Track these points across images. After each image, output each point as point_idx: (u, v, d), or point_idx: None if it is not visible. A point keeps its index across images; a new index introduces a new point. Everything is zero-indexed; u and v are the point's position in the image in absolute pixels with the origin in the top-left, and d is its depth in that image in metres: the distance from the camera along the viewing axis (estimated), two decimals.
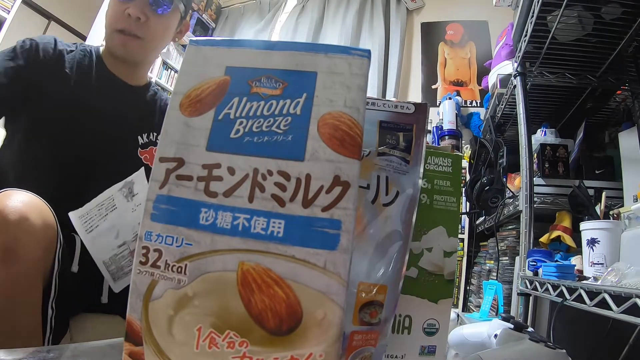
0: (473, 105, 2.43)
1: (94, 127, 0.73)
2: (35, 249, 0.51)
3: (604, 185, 1.01)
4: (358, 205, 0.26)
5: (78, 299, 0.66)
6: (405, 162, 0.33)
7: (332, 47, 0.26)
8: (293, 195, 0.23)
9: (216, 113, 0.26)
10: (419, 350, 0.36)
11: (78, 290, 0.65)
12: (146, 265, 0.24)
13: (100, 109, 0.74)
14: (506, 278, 1.26)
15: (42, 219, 0.52)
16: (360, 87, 0.25)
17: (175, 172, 0.25)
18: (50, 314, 0.55)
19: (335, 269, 0.22)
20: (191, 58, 0.27)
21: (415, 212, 0.33)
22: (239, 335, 0.22)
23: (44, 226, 0.52)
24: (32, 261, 0.50)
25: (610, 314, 0.52)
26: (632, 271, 0.59)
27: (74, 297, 0.64)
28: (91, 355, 0.42)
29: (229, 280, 0.22)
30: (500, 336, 0.53)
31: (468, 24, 2.56)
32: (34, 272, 0.51)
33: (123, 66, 0.79)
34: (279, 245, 0.22)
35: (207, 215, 0.23)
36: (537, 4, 0.90)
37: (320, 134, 0.24)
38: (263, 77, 0.26)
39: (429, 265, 0.37)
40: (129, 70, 0.80)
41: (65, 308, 0.62)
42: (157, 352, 0.22)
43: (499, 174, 1.24)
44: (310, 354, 0.21)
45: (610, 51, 0.99)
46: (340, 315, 0.22)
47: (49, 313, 0.55)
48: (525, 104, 1.06)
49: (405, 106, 0.34)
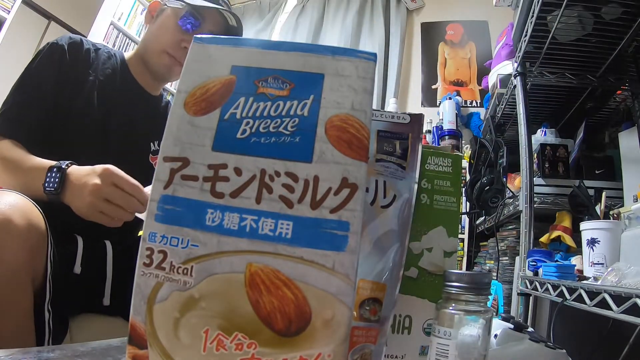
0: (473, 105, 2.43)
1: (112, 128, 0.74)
2: (20, 251, 0.50)
3: (604, 185, 1.02)
4: None
5: (79, 301, 0.66)
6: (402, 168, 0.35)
7: (339, 50, 0.26)
8: (301, 197, 0.23)
9: (222, 113, 0.26)
10: (419, 350, 0.37)
11: (80, 292, 0.64)
12: (150, 267, 0.23)
13: (120, 113, 0.75)
14: (506, 278, 1.27)
15: (26, 220, 0.51)
16: (366, 90, 0.25)
17: (180, 172, 0.25)
18: (47, 316, 0.55)
19: (343, 270, 0.22)
20: (196, 56, 0.27)
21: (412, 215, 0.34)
22: (248, 337, 0.22)
23: (28, 228, 0.51)
24: (17, 264, 0.50)
25: (610, 314, 0.52)
26: (632, 271, 0.59)
27: (75, 298, 0.64)
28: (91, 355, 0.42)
29: (237, 282, 0.22)
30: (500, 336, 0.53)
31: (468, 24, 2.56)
32: (20, 275, 0.51)
33: (149, 78, 0.82)
34: (288, 247, 0.22)
35: (214, 216, 0.23)
36: (537, 4, 0.90)
37: (328, 136, 0.24)
38: (270, 78, 0.26)
39: (429, 265, 0.38)
40: (153, 82, 0.83)
41: (65, 310, 0.61)
42: (162, 355, 0.22)
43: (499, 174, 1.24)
44: (319, 354, 0.21)
45: (610, 51, 0.99)
46: (348, 315, 0.22)
47: (46, 315, 0.55)
48: (525, 104, 1.06)
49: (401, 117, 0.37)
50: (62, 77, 0.71)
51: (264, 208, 0.23)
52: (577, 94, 1.17)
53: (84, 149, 0.69)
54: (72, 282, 0.62)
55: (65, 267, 0.61)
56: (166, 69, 0.78)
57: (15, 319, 0.51)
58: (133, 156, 0.76)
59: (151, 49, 0.78)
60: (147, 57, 0.79)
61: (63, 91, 0.70)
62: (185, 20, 0.75)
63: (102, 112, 0.73)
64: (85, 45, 0.75)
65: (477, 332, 0.29)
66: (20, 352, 0.39)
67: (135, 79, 0.80)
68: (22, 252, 0.51)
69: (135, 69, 0.80)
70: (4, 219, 0.49)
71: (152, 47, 0.78)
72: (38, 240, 0.53)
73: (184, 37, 0.75)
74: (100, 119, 0.73)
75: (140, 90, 0.81)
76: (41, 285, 0.54)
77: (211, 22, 0.78)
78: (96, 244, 0.69)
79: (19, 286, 0.51)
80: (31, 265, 0.52)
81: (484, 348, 0.29)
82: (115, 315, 0.69)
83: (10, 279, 0.50)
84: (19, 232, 0.50)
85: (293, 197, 0.23)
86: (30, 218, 0.52)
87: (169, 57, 0.77)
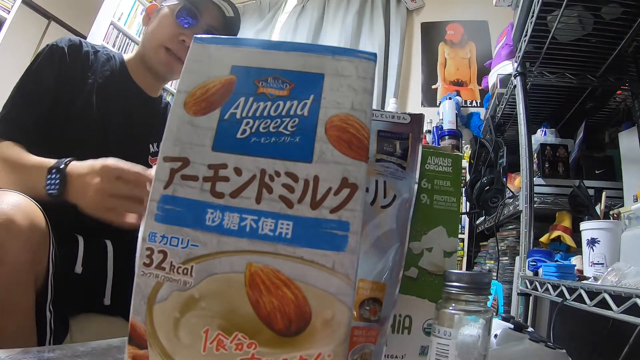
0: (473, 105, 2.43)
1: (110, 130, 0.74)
2: (22, 251, 0.50)
3: (604, 185, 1.02)
4: None
5: (80, 301, 0.66)
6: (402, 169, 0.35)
7: (339, 50, 0.26)
8: (301, 197, 0.23)
9: (222, 113, 0.26)
10: (419, 350, 0.37)
11: (80, 292, 0.64)
12: (150, 267, 0.23)
13: (119, 114, 0.75)
14: (506, 278, 1.27)
15: (28, 220, 0.51)
16: (366, 90, 0.25)
17: (180, 172, 0.25)
18: (48, 316, 0.55)
19: (343, 270, 0.22)
20: (196, 56, 0.27)
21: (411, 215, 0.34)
22: (248, 337, 0.22)
23: (30, 228, 0.51)
24: (19, 264, 0.50)
25: (610, 314, 0.52)
26: (632, 271, 0.59)
27: (76, 298, 0.63)
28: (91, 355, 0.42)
29: (237, 282, 0.22)
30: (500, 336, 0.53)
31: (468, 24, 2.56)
32: (22, 275, 0.51)
33: (149, 78, 0.81)
34: (288, 247, 0.22)
35: (214, 216, 0.23)
36: (537, 4, 0.90)
37: (328, 136, 0.24)
38: (269, 78, 0.26)
39: (429, 265, 0.38)
40: (153, 82, 0.83)
41: (66, 309, 0.61)
42: (162, 355, 0.22)
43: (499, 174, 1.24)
44: (319, 354, 0.21)
45: (610, 51, 0.99)
46: (348, 315, 0.22)
47: (47, 316, 0.55)
48: (525, 104, 1.06)
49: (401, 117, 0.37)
50: (62, 79, 0.71)
51: (264, 208, 0.23)
52: (577, 94, 1.17)
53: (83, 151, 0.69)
54: (73, 282, 0.62)
55: (67, 267, 0.61)
56: (165, 65, 0.78)
57: (16, 319, 0.51)
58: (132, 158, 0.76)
59: (149, 46, 0.78)
60: (146, 56, 0.79)
61: (62, 93, 0.70)
62: (181, 14, 0.75)
63: (101, 114, 0.73)
64: (84, 48, 0.75)
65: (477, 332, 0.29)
66: (21, 352, 0.39)
67: (134, 81, 0.80)
68: (24, 252, 0.50)
69: (135, 70, 0.81)
70: (7, 219, 0.49)
71: (150, 44, 0.78)
72: (40, 240, 0.53)
73: (182, 31, 0.75)
74: (99, 121, 0.73)
75: (139, 91, 0.81)
76: (43, 285, 0.54)
77: (208, 14, 0.77)
78: (97, 244, 0.69)
79: (20, 286, 0.51)
80: (33, 265, 0.52)
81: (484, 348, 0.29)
82: (115, 315, 0.69)
83: (13, 279, 0.50)
84: (21, 232, 0.50)
85: (293, 197, 0.23)
86: (33, 218, 0.52)
87: (167, 52, 0.76)
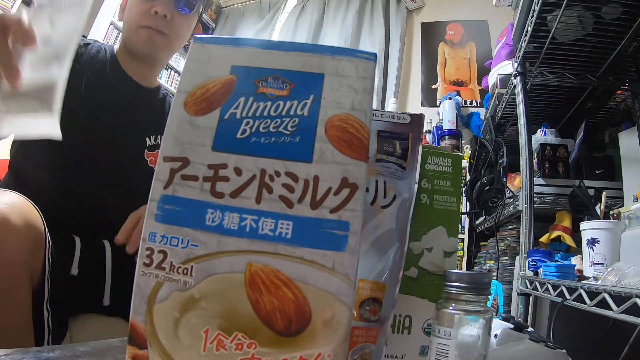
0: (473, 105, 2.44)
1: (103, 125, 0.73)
2: (17, 250, 0.50)
3: (604, 185, 1.02)
4: None
5: (79, 301, 0.66)
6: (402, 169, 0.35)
7: (339, 49, 0.26)
8: (301, 197, 0.23)
9: (222, 112, 0.26)
10: (419, 350, 0.37)
11: (79, 293, 0.64)
12: (150, 267, 0.23)
13: (111, 108, 0.74)
14: (506, 278, 1.27)
15: (24, 219, 0.51)
16: (366, 90, 0.25)
17: (180, 172, 0.25)
18: (46, 315, 0.55)
19: (343, 269, 0.22)
20: (196, 56, 0.27)
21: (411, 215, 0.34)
22: (248, 337, 0.22)
23: (26, 227, 0.51)
24: (15, 263, 0.50)
25: (610, 314, 0.52)
26: (632, 271, 0.59)
27: (74, 299, 0.63)
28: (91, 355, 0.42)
29: (237, 282, 0.22)
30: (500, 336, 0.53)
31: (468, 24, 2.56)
32: (18, 274, 0.51)
33: (139, 66, 0.79)
34: (288, 247, 0.22)
35: (214, 216, 0.23)
36: (537, 4, 0.90)
37: (328, 136, 0.24)
38: (269, 78, 0.26)
39: (429, 265, 0.38)
40: (144, 70, 0.80)
41: (64, 309, 0.61)
42: (162, 355, 0.22)
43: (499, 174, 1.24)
44: (319, 354, 0.21)
45: (610, 51, 0.99)
46: (348, 315, 0.22)
47: (45, 315, 0.54)
48: (525, 104, 1.06)
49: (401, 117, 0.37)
50: None
51: (264, 208, 0.23)
52: (577, 94, 1.18)
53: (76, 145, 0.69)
54: (71, 282, 0.62)
55: (63, 267, 0.61)
56: (147, 43, 0.75)
57: (14, 319, 0.51)
58: (127, 152, 0.75)
59: (127, 31, 0.76)
60: (128, 43, 0.77)
61: None
62: None
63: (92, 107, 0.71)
64: None
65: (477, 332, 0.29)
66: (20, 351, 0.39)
67: (125, 72, 0.78)
68: (20, 251, 0.50)
69: (124, 60, 0.78)
70: (2, 218, 0.49)
71: (128, 29, 0.76)
72: (36, 240, 0.53)
73: (151, 4, 0.72)
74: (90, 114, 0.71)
75: (131, 83, 0.79)
76: (39, 284, 0.54)
77: None
78: (94, 244, 0.69)
79: (17, 285, 0.51)
80: (29, 264, 0.52)
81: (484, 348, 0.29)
82: (115, 315, 0.69)
83: (9, 279, 0.50)
84: (17, 231, 0.50)
85: (293, 197, 0.23)
86: (28, 217, 0.52)
87: (144, 29, 0.74)
